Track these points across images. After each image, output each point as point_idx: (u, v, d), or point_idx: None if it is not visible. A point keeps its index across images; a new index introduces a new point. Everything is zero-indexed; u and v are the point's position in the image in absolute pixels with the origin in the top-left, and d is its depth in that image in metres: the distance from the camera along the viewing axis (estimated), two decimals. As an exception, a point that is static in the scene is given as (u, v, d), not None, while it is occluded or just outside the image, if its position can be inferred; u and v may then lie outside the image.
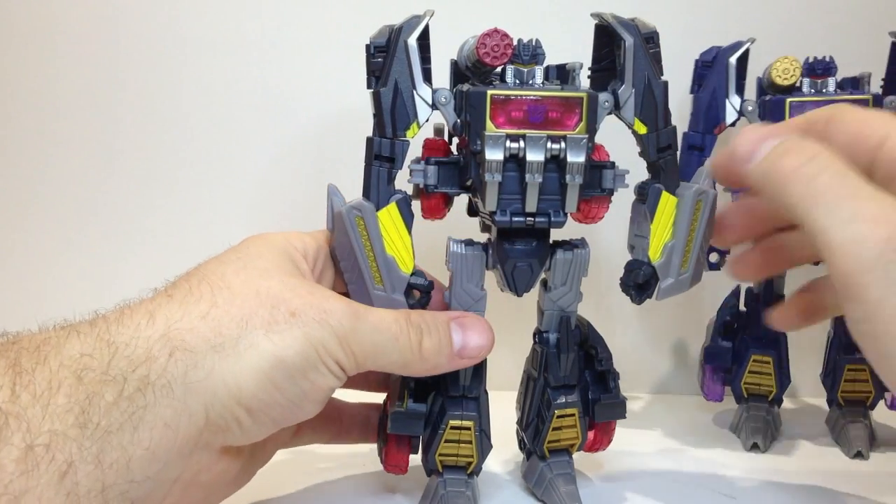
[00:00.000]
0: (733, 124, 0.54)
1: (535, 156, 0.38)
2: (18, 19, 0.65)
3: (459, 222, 0.44)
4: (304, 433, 0.45)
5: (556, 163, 0.39)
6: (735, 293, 0.57)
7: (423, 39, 0.40)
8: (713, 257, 0.56)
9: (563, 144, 0.39)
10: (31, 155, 0.66)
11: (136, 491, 0.32)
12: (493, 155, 0.38)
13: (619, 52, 0.41)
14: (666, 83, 0.41)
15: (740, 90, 0.54)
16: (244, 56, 0.64)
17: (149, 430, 0.31)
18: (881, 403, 0.56)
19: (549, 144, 0.39)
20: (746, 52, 0.54)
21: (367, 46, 0.40)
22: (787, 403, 0.59)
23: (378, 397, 0.47)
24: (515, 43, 0.40)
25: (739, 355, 0.56)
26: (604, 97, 0.41)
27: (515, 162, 0.39)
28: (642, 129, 0.41)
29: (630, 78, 0.41)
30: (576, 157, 0.39)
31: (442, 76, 0.42)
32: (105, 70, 0.65)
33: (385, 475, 0.44)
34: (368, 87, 0.41)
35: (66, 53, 0.65)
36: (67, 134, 0.66)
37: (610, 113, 0.41)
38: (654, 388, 0.68)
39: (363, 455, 0.49)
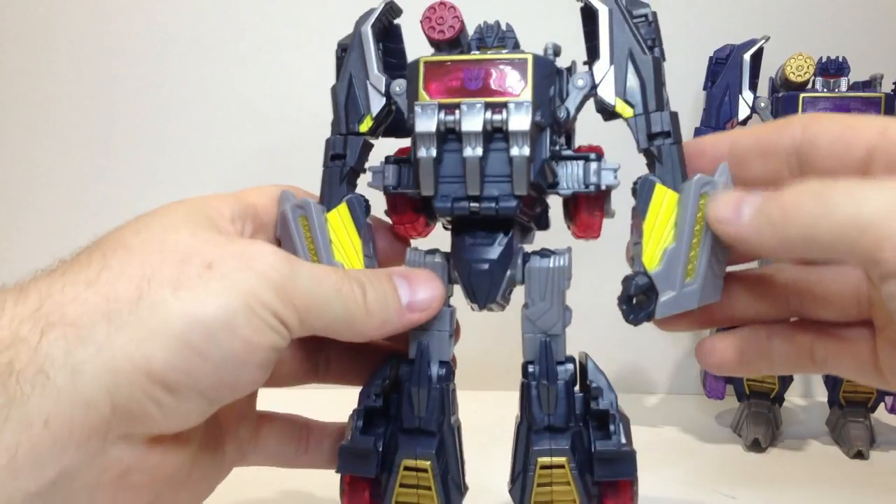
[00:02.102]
0: (744, 122, 0.54)
1: (471, 125, 0.32)
2: (16, 18, 0.65)
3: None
4: (266, 442, 0.38)
5: (502, 138, 0.33)
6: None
7: (390, 31, 0.37)
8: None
9: (504, 114, 0.32)
10: (26, 152, 0.67)
11: None
12: (424, 126, 0.32)
13: (595, 26, 0.35)
14: (657, 59, 0.34)
15: (753, 87, 0.54)
16: (225, 57, 0.65)
17: (16, 434, 0.25)
18: (882, 405, 0.56)
19: (487, 114, 0.32)
20: (761, 50, 0.54)
21: (336, 49, 0.37)
22: (788, 403, 0.59)
23: None
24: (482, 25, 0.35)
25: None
26: (577, 76, 0.34)
27: (456, 139, 0.33)
28: (627, 113, 0.34)
29: (607, 52, 0.34)
30: (518, 125, 0.32)
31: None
32: (100, 68, 0.66)
33: None
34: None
35: (62, 51, 0.65)
36: (62, 132, 0.66)
37: (589, 98, 0.35)
38: (652, 388, 0.68)
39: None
